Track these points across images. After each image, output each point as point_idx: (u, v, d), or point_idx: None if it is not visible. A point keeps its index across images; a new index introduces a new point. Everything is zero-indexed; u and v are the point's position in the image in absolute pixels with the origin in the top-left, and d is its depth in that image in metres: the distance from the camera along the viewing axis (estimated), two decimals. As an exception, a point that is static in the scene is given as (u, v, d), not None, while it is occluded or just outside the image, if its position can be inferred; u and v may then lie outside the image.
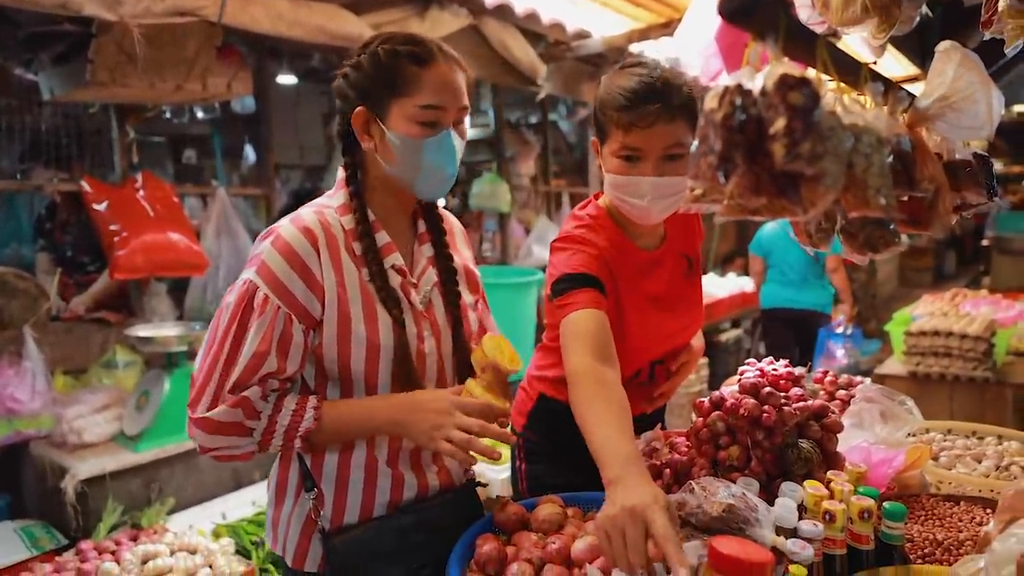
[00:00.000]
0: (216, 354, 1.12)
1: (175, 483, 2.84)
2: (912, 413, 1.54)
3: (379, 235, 1.24)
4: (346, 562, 1.16)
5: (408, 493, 1.25)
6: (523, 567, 1.04)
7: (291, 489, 1.26)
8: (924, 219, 0.93)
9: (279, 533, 1.26)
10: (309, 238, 1.16)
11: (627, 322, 1.47)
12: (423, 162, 1.19)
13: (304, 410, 1.15)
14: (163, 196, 3.21)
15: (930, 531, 1.19)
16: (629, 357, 1.48)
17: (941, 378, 3.53)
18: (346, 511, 1.22)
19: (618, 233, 1.50)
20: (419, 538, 1.22)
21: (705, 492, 1.08)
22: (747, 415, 1.25)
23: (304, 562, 1.23)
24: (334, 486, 1.22)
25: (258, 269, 1.14)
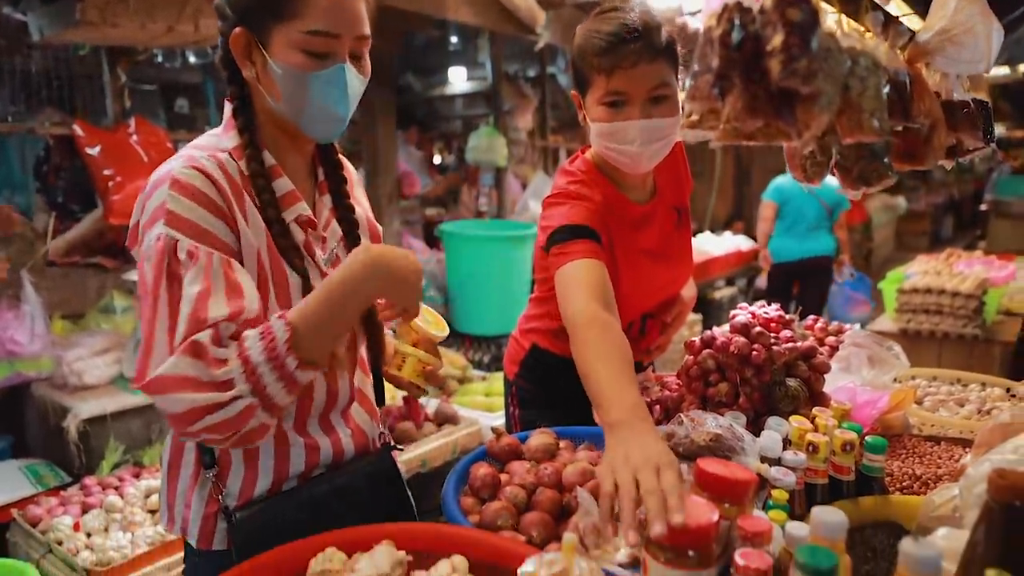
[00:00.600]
0: (151, 317, 0.95)
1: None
2: (899, 358, 1.57)
3: (279, 182, 1.09)
4: (252, 539, 1.05)
5: (323, 458, 1.15)
6: (515, 491, 1.07)
7: (187, 467, 1.11)
8: (919, 153, 0.94)
9: (176, 513, 1.13)
10: (211, 180, 1.01)
11: (621, 275, 1.49)
12: (310, 99, 1.04)
13: (271, 328, 0.95)
14: (157, 142, 3.18)
15: (910, 467, 1.23)
16: (622, 310, 1.48)
17: (931, 335, 3.57)
18: (256, 485, 1.10)
19: (609, 187, 1.49)
20: (334, 508, 1.13)
21: (693, 423, 1.11)
22: (737, 353, 1.27)
23: (211, 541, 1.10)
24: (242, 460, 1.09)
25: (167, 220, 0.96)
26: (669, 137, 1.35)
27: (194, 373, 0.91)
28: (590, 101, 1.39)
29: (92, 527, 2.08)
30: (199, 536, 1.10)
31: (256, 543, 0.98)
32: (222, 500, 1.07)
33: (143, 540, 2.00)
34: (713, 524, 0.74)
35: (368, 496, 1.16)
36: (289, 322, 0.95)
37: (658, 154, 1.38)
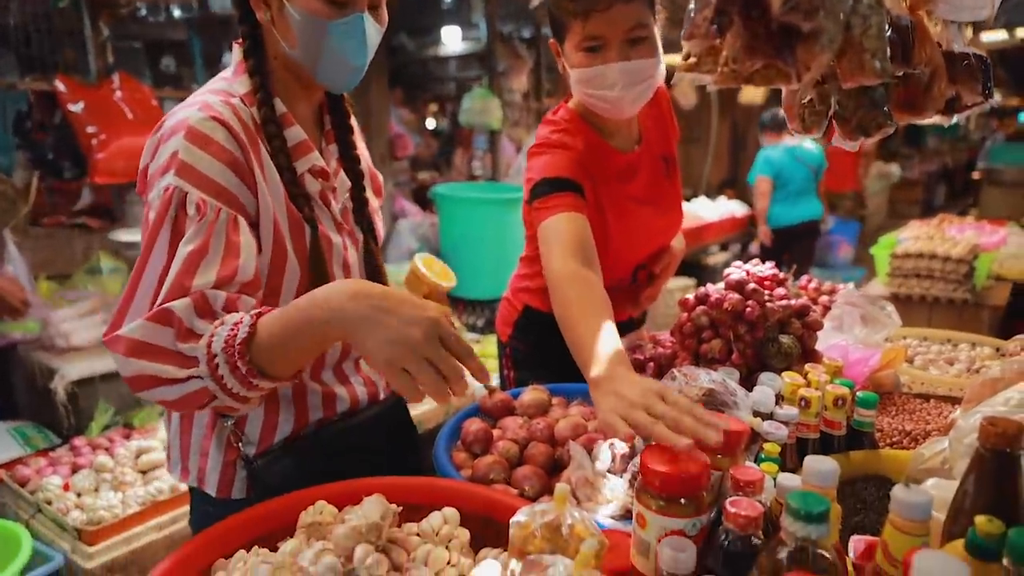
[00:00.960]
0: (140, 269, 0.91)
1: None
2: (891, 318, 1.57)
3: (292, 130, 1.05)
4: (272, 486, 1.02)
5: (341, 407, 1.14)
6: (508, 445, 1.07)
7: (201, 416, 1.09)
8: (919, 103, 0.92)
9: (191, 464, 1.11)
10: (229, 131, 0.97)
11: (609, 227, 1.47)
12: (327, 47, 1.00)
13: (240, 322, 0.87)
14: (141, 99, 3.11)
15: (900, 423, 1.24)
16: (613, 262, 1.49)
17: (921, 299, 3.59)
18: (276, 432, 1.09)
19: (593, 135, 1.46)
20: (351, 454, 1.13)
21: (686, 378, 1.10)
22: (731, 309, 1.27)
23: (230, 490, 1.09)
24: (262, 408, 1.07)
25: (178, 170, 0.92)
26: (650, 80, 1.33)
27: (159, 342, 0.86)
28: (568, 48, 1.36)
29: (82, 487, 2.08)
30: (218, 485, 1.09)
31: (276, 490, 0.98)
32: (242, 448, 1.06)
33: (134, 500, 2.00)
34: (705, 471, 0.74)
35: (383, 442, 1.16)
36: (255, 324, 0.87)
37: (640, 97, 1.36)
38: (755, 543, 0.68)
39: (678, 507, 0.73)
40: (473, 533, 0.88)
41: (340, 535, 0.73)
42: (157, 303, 0.87)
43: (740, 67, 0.66)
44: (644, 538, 0.73)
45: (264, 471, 1.05)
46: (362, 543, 0.72)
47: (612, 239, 1.47)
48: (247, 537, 0.91)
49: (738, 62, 0.65)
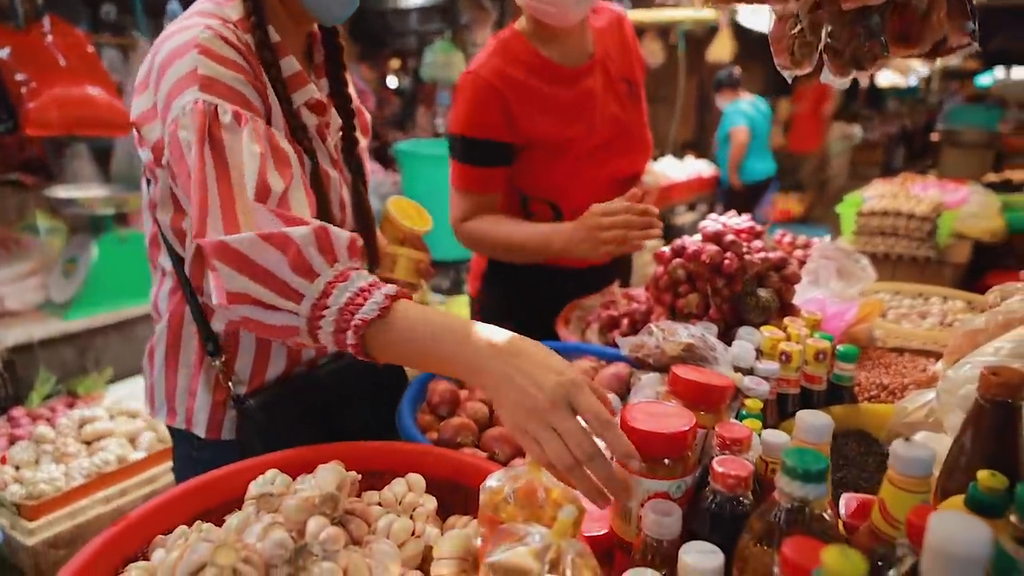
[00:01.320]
0: (201, 178, 0.84)
1: (112, 353, 2.74)
2: (866, 271, 1.54)
3: (286, 61, 1.00)
4: (263, 425, 1.02)
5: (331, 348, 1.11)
6: (476, 406, 1.00)
7: (187, 356, 1.07)
8: (915, 33, 0.85)
9: (178, 405, 1.08)
10: (234, 48, 0.92)
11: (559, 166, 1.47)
12: None
13: (371, 293, 0.79)
14: (76, 45, 2.88)
15: (877, 377, 1.21)
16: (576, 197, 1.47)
17: (885, 257, 3.61)
18: (268, 371, 1.06)
19: (535, 54, 1.45)
20: (342, 392, 1.11)
21: (664, 333, 1.05)
22: (708, 262, 1.21)
23: (220, 431, 1.07)
24: (253, 346, 1.05)
25: (202, 85, 0.87)
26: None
27: (269, 265, 0.79)
28: None
29: (20, 460, 1.96)
30: (208, 426, 1.06)
31: (266, 431, 0.99)
32: (232, 387, 1.03)
33: (78, 472, 1.89)
34: (689, 431, 0.69)
35: (373, 380, 1.12)
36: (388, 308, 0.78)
37: (580, 4, 1.35)
38: (744, 504, 0.62)
39: (662, 468, 0.67)
40: (440, 500, 0.81)
41: (291, 507, 0.65)
42: (249, 197, 0.82)
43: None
44: (625, 503, 0.68)
45: (254, 411, 1.02)
46: (316, 516, 0.65)
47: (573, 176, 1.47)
48: (192, 511, 0.83)
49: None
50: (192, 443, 1.09)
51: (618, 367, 1.07)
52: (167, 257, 1.05)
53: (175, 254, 1.03)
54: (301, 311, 0.79)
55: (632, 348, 1.08)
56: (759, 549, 0.55)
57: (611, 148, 1.51)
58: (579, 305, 1.54)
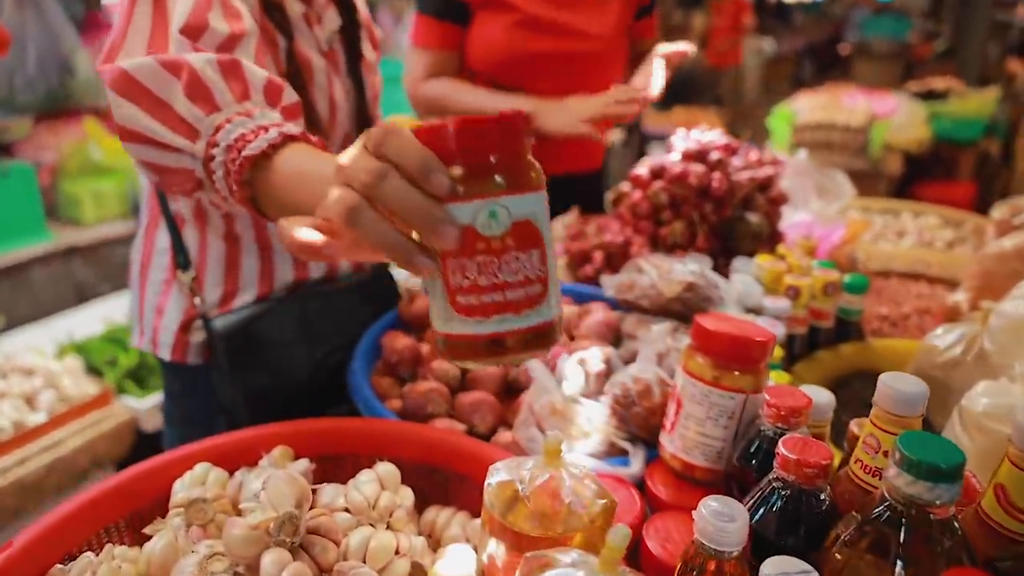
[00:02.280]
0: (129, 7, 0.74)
1: (3, 299, 2.42)
2: (844, 188, 1.45)
3: None
4: (232, 348, 0.93)
5: (314, 271, 1.03)
6: (445, 366, 0.85)
7: (158, 270, 1.00)
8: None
9: (146, 323, 1.02)
10: None
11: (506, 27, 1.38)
12: None
13: (268, 130, 0.65)
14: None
15: (872, 307, 1.12)
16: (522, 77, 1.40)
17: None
18: (238, 296, 0.97)
19: None
20: (323, 324, 1.01)
21: (658, 271, 0.91)
22: (696, 184, 1.07)
23: (185, 354, 1.00)
24: (222, 265, 0.96)
25: None
26: None
27: (161, 92, 0.69)
28: None
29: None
30: (172, 347, 0.99)
31: (238, 356, 0.92)
32: (199, 304, 0.95)
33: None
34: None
35: (363, 315, 1.03)
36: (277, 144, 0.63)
37: None
38: (823, 501, 0.50)
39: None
40: (413, 487, 0.67)
41: (237, 538, 0.49)
42: (173, 32, 0.72)
43: None
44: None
45: (224, 333, 0.92)
46: (271, 547, 0.49)
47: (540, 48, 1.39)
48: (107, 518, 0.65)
49: None
50: (164, 370, 1.07)
51: (605, 311, 0.93)
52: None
53: None
54: (196, 151, 0.69)
55: (619, 288, 0.94)
56: (862, 561, 0.44)
57: (557, 28, 1.38)
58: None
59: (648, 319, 0.90)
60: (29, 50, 2.74)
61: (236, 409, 0.94)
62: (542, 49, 1.40)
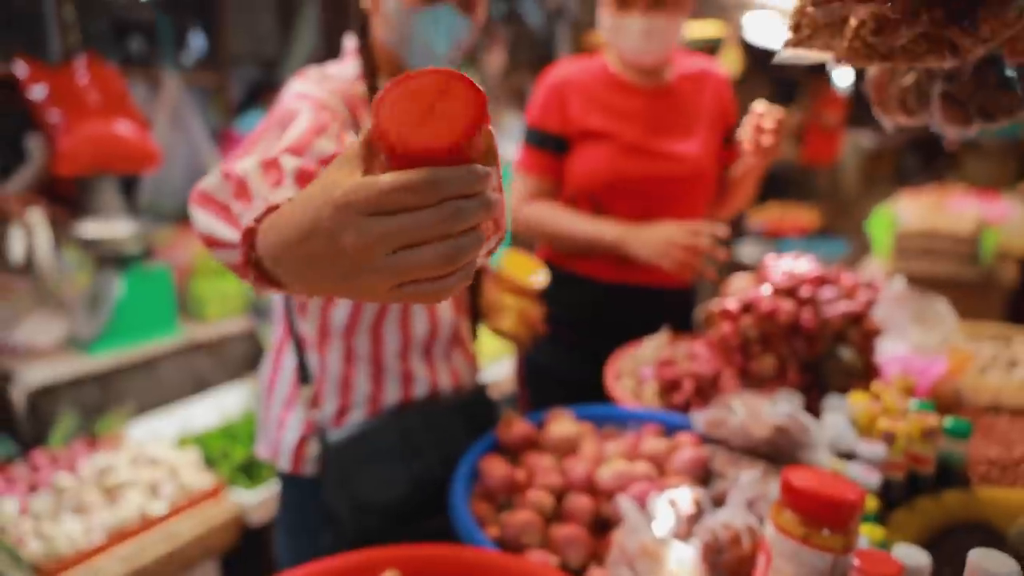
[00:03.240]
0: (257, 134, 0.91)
1: (134, 389, 2.67)
2: (946, 316, 1.42)
3: None
4: (343, 463, 1.04)
5: (419, 391, 1.14)
6: (541, 497, 0.90)
7: (283, 384, 1.14)
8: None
9: (270, 435, 1.15)
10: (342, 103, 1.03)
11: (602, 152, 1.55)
12: (415, 36, 1.10)
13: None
14: (108, 81, 2.84)
15: (979, 448, 1.08)
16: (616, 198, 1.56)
17: (926, 279, 3.46)
18: (350, 411, 1.10)
19: (605, 69, 1.62)
20: (425, 442, 1.11)
21: (748, 410, 0.94)
22: (785, 321, 1.10)
23: (301, 465, 1.11)
24: (338, 383, 1.10)
25: (297, 96, 0.99)
26: (668, 38, 1.53)
27: (219, 195, 0.76)
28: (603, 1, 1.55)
29: (41, 511, 1.87)
30: (292, 460, 1.11)
31: (346, 469, 1.02)
32: (317, 418, 1.07)
33: (98, 526, 1.81)
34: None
35: (461, 434, 1.13)
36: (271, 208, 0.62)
37: (657, 51, 1.53)
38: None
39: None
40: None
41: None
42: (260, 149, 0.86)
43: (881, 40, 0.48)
44: None
45: (337, 447, 1.04)
46: None
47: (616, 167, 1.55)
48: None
49: (883, 33, 0.47)
50: (281, 481, 1.17)
51: (695, 448, 0.96)
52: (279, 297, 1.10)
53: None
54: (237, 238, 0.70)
55: (709, 425, 0.97)
56: None
57: (652, 153, 1.57)
58: (630, 354, 1.43)
59: (738, 457, 0.92)
60: (175, 164, 3.13)
61: (341, 520, 1.02)
62: (638, 173, 1.56)
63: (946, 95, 0.76)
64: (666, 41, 1.53)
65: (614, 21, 1.53)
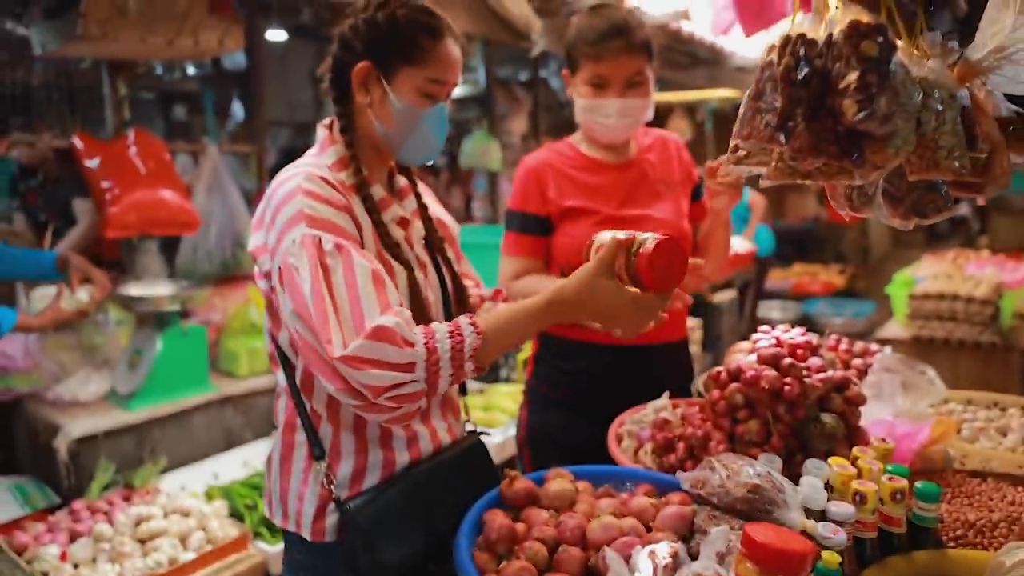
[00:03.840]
0: (318, 299, 1.01)
1: (168, 442, 2.80)
2: (934, 384, 1.49)
3: (374, 188, 1.23)
4: (364, 529, 1.10)
5: (424, 448, 1.24)
6: (535, 547, 0.98)
7: (299, 461, 1.21)
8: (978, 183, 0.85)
9: (290, 508, 1.21)
10: (331, 186, 1.13)
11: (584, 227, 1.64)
12: (419, 130, 1.22)
13: (460, 328, 1.05)
14: (155, 153, 3.10)
15: (959, 511, 1.14)
16: None
17: (945, 343, 3.49)
18: (366, 475, 1.18)
19: (577, 151, 1.75)
20: (434, 495, 1.20)
21: (728, 471, 1.02)
22: (768, 388, 1.19)
23: (323, 535, 1.18)
24: (352, 454, 1.18)
25: (309, 223, 1.07)
26: (641, 115, 1.66)
27: (383, 357, 0.98)
28: (578, 80, 1.68)
29: (80, 558, 1.99)
30: (312, 530, 1.18)
31: (368, 535, 1.10)
32: (334, 490, 1.15)
33: (132, 573, 1.91)
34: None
35: (463, 480, 1.24)
36: (481, 332, 1.05)
37: (630, 127, 1.68)
38: None
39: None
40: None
41: None
42: (368, 318, 1.00)
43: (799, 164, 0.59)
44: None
45: (355, 513, 1.11)
46: None
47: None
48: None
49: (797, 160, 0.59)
50: (297, 546, 1.22)
51: (680, 507, 1.04)
52: (282, 374, 1.21)
53: (288, 369, 1.20)
54: (419, 375, 1.00)
55: (693, 483, 1.06)
56: None
57: (633, 222, 1.64)
58: (630, 419, 1.52)
59: (719, 515, 1.00)
60: (211, 228, 3.32)
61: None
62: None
63: (886, 193, 0.87)
64: (640, 118, 1.66)
65: (590, 103, 1.64)
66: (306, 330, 1.03)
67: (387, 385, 0.98)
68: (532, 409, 1.83)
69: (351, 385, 1.00)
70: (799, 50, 0.56)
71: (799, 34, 0.56)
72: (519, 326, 1.09)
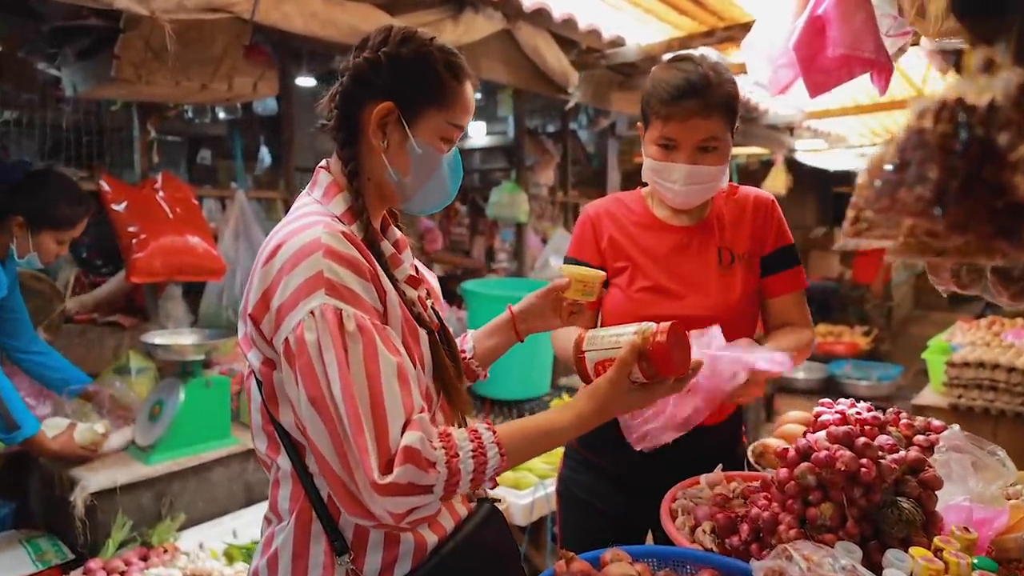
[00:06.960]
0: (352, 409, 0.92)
1: (187, 497, 2.72)
2: (1005, 465, 1.41)
3: (383, 245, 1.13)
4: None
5: (446, 524, 1.16)
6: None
7: (317, 557, 1.07)
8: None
9: None
10: (356, 245, 1.02)
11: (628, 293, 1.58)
12: (436, 178, 1.14)
13: (484, 448, 1.00)
14: (182, 198, 3.10)
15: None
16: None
17: (985, 412, 3.38)
18: (396, 566, 1.09)
19: (643, 206, 1.66)
20: (461, 567, 1.13)
21: (808, 562, 0.95)
22: (844, 470, 1.12)
23: None
24: (382, 540, 1.08)
25: (328, 290, 0.95)
26: (711, 183, 1.51)
27: (413, 479, 0.94)
28: (648, 138, 1.55)
29: (96, 624, 1.90)
30: None
31: None
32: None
33: (151, 642, 1.83)
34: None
35: (484, 548, 1.18)
36: (505, 454, 1.02)
37: (701, 195, 1.54)
38: None
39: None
40: None
41: None
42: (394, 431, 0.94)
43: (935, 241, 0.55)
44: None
45: None
46: None
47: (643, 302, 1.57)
48: None
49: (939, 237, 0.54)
50: None
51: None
52: (286, 458, 1.07)
53: (295, 453, 1.07)
54: (438, 492, 0.97)
55: (768, 573, 0.98)
56: None
57: (672, 294, 1.57)
58: (683, 493, 1.44)
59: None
60: (236, 274, 3.28)
61: None
62: (665, 314, 1.46)
63: (997, 271, 0.83)
64: (710, 187, 1.51)
65: (656, 164, 1.51)
66: (324, 434, 0.94)
67: (405, 511, 0.95)
68: (569, 467, 1.78)
69: (368, 510, 0.94)
70: (958, 115, 0.52)
71: (956, 97, 0.52)
72: (539, 446, 1.09)
